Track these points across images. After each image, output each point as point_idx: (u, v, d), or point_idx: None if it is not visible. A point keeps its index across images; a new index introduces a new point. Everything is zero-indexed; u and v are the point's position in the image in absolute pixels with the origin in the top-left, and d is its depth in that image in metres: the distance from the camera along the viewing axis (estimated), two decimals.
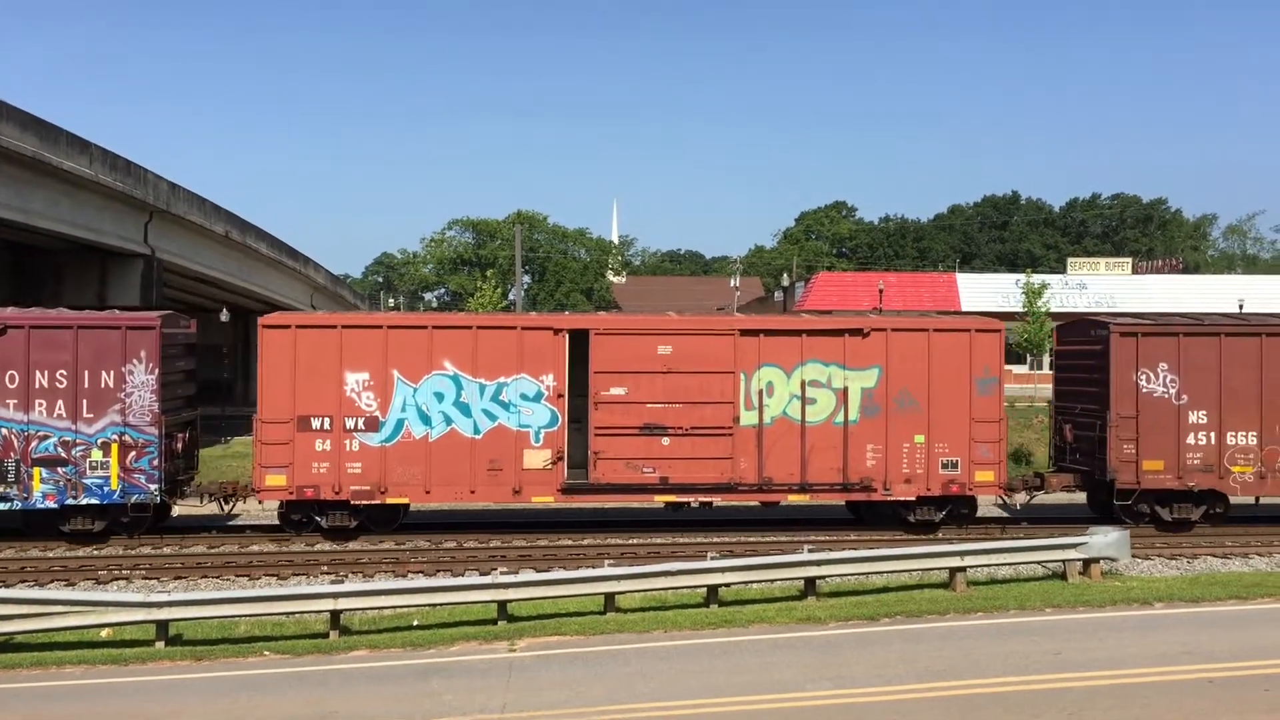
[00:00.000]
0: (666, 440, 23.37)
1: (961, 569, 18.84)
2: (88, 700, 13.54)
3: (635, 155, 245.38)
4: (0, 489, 22.24)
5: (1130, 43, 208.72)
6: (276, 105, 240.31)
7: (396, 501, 23.40)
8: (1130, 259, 76.75)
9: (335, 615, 16.60)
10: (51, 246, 34.04)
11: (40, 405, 22.34)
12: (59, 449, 22.41)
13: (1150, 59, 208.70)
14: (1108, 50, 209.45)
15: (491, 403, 23.25)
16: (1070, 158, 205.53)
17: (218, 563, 21.71)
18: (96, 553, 22.52)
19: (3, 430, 22.22)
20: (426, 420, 23.15)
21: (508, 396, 23.26)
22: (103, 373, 22.46)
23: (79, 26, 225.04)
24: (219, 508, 24.61)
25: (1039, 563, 20.09)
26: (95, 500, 22.59)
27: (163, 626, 16.08)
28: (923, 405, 23.58)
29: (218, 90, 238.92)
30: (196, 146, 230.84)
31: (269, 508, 24.84)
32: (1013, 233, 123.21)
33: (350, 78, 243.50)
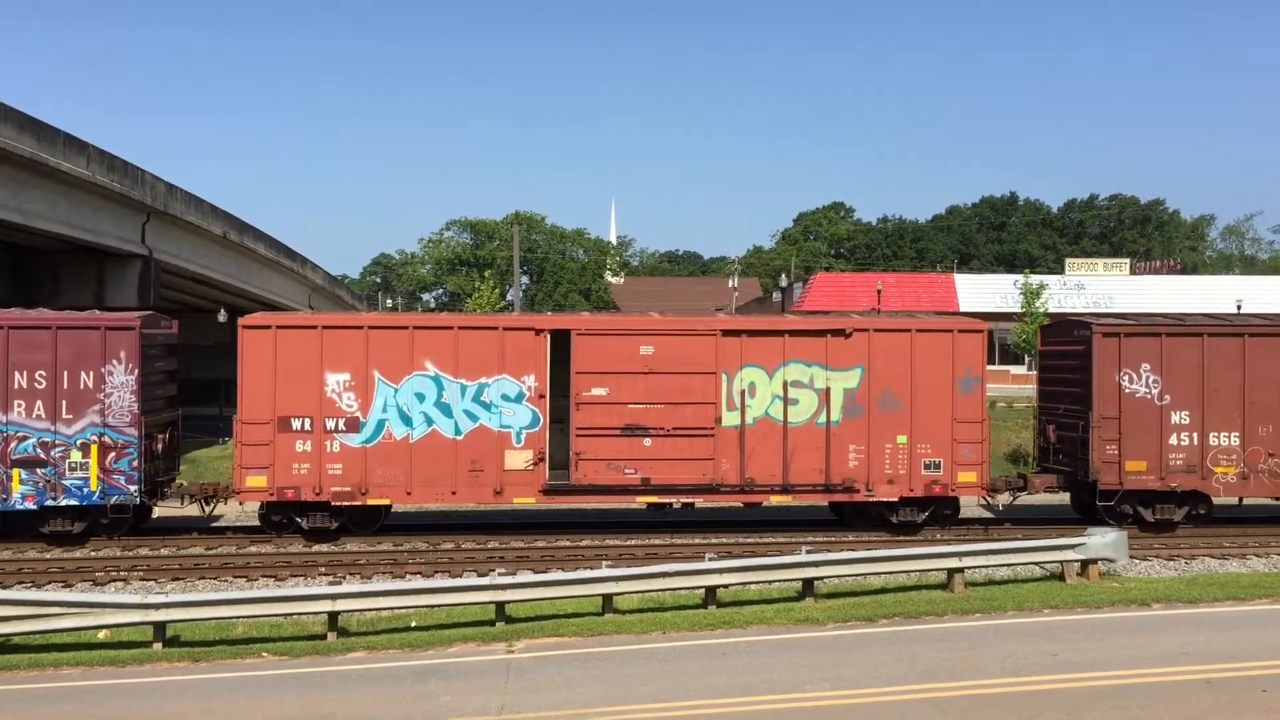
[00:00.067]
0: (648, 441, 23.30)
1: (959, 570, 18.86)
2: (85, 702, 13.53)
3: (633, 156, 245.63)
4: None
5: (1128, 44, 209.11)
6: (274, 106, 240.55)
7: (378, 503, 23.32)
8: (1128, 260, 76.83)
9: (333, 616, 16.60)
10: (49, 247, 34.02)
11: (19, 406, 22.25)
12: (38, 450, 22.31)
13: (1148, 60, 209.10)
14: (1105, 51, 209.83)
15: (473, 403, 23.18)
16: (1068, 159, 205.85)
17: (215, 564, 21.70)
18: (94, 554, 22.48)
19: None
20: (408, 421, 23.07)
21: (489, 397, 23.19)
22: (82, 373, 22.37)
23: (77, 27, 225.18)
24: (200, 509, 24.31)
25: (1037, 564, 20.11)
26: (74, 501, 22.49)
27: (160, 628, 16.08)
28: (905, 406, 23.53)
29: (215, 91, 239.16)
30: (194, 147, 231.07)
31: (252, 509, 24.66)
32: (1011, 233, 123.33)
33: (348, 78, 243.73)
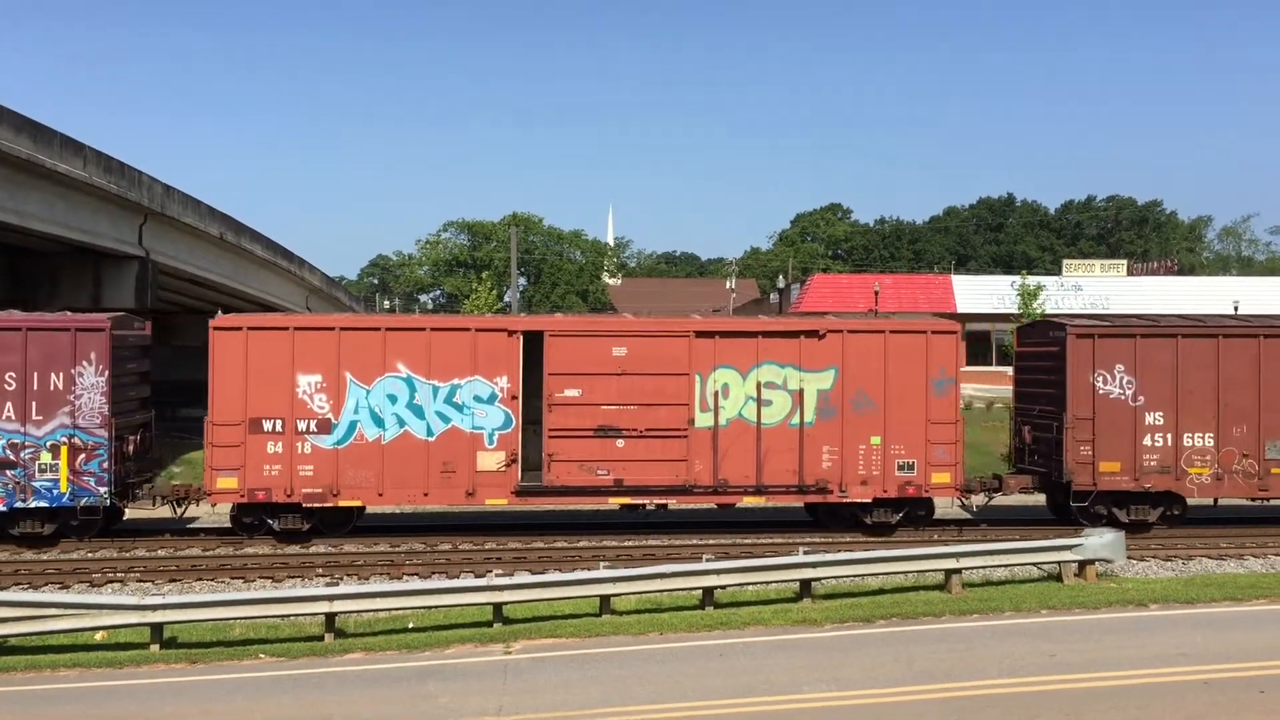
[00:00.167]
0: (621, 442, 23.25)
1: (957, 571, 18.85)
2: (83, 703, 13.51)
3: (631, 157, 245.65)
4: None
5: (1126, 45, 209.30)
6: (272, 107, 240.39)
7: (349, 504, 23.23)
8: (1125, 261, 76.91)
9: (330, 618, 16.57)
10: (46, 249, 33.94)
11: None
12: (7, 451, 22.22)
13: (1145, 61, 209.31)
14: (1103, 52, 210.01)
15: (445, 405, 23.12)
16: (1066, 160, 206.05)
17: (212, 565, 21.68)
18: (91, 556, 22.45)
19: None
20: (379, 422, 23.00)
21: (461, 398, 23.13)
22: (52, 375, 22.27)
23: (76, 27, 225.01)
24: (172, 511, 24.18)
25: (1034, 564, 20.11)
26: (44, 503, 22.38)
27: (157, 629, 16.05)
28: (879, 406, 23.52)
29: (212, 92, 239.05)
30: (191, 148, 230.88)
31: (226, 510, 24.37)
32: (1008, 235, 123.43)
33: (346, 79, 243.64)
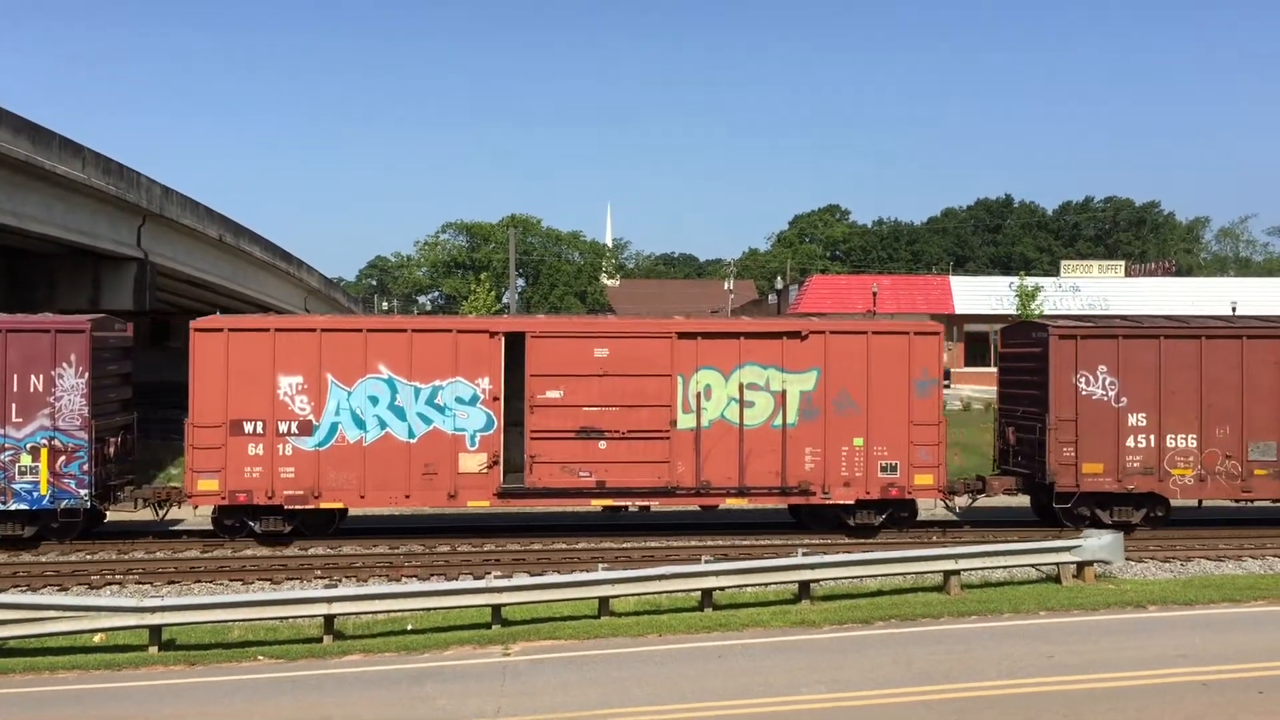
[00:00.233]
0: (603, 444, 23.21)
1: (955, 572, 18.86)
2: (81, 705, 13.51)
3: (629, 158, 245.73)
4: None
5: (1123, 46, 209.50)
6: (270, 108, 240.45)
7: (331, 506, 23.16)
8: (1123, 262, 77.01)
9: (329, 620, 16.56)
10: (45, 250, 33.94)
11: None
12: None
13: (1143, 62, 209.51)
14: (1101, 53, 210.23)
15: (427, 406, 23.06)
16: (1063, 161, 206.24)
17: (211, 567, 21.67)
18: (89, 558, 22.44)
19: None
20: (361, 424, 22.94)
21: (443, 400, 23.08)
22: (32, 376, 22.19)
23: (75, 27, 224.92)
24: (153, 513, 24.08)
25: (1033, 566, 20.12)
26: (24, 505, 22.28)
27: (156, 631, 16.05)
28: (862, 408, 23.49)
29: (210, 93, 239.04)
30: (189, 149, 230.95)
31: (208, 512, 24.20)
32: (1006, 236, 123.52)
33: (344, 81, 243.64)
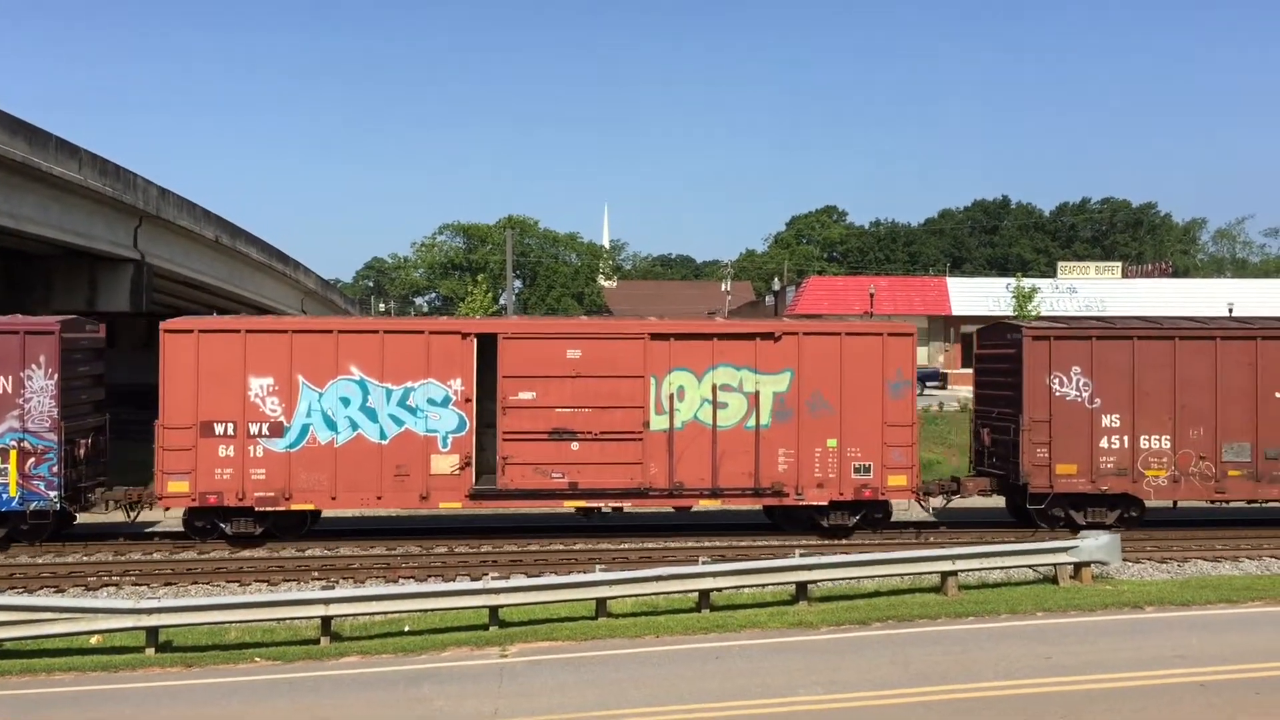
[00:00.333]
0: (576, 445, 23.20)
1: (953, 573, 18.87)
2: (78, 707, 13.50)
3: (626, 160, 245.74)
4: None
5: (1121, 47, 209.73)
6: (267, 109, 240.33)
7: (302, 508, 23.14)
8: (1120, 263, 77.14)
9: (326, 621, 16.55)
10: (40, 252, 33.89)
11: None
12: None
13: (1140, 64, 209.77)
14: (1098, 55, 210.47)
15: (398, 408, 23.04)
16: (1060, 162, 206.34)
17: (208, 568, 21.64)
18: (86, 559, 22.41)
19: None
20: (332, 425, 22.92)
21: (415, 401, 23.06)
22: (0, 378, 22.16)
23: (75, 27, 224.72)
24: (125, 515, 24.00)
25: (1030, 566, 20.13)
26: None
27: (153, 633, 16.04)
28: (835, 409, 23.49)
29: (208, 94, 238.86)
30: (186, 151, 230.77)
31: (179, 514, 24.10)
32: (1003, 237, 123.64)
33: (341, 82, 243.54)
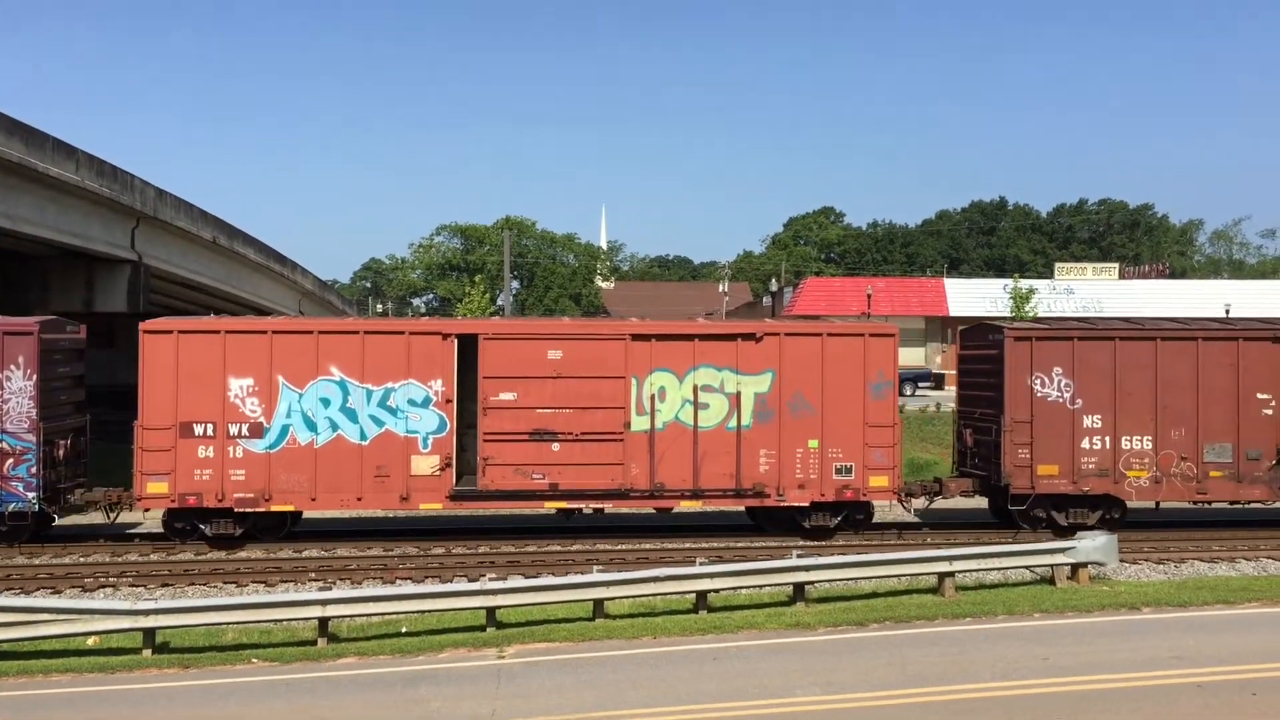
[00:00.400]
0: (556, 446, 23.15)
1: (950, 574, 18.88)
2: (75, 708, 13.49)
3: (624, 161, 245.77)
4: None
5: (1118, 49, 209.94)
6: (266, 110, 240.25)
7: (282, 509, 23.09)
8: (1117, 264, 77.27)
9: (323, 622, 16.54)
10: (37, 253, 33.87)
11: None
12: None
13: (1138, 65, 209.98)
14: (1096, 56, 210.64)
15: (379, 408, 23.00)
16: (1057, 163, 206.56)
17: (205, 569, 21.62)
18: (83, 560, 22.39)
19: None
20: (312, 426, 22.87)
21: (395, 402, 23.01)
22: None
23: (75, 28, 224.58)
24: (105, 516, 23.96)
25: (1027, 567, 20.14)
26: None
27: (149, 634, 16.03)
28: (816, 410, 23.46)
29: (206, 95, 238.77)
30: (183, 152, 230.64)
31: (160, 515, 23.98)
32: (1000, 238, 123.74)
33: (340, 83, 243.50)
